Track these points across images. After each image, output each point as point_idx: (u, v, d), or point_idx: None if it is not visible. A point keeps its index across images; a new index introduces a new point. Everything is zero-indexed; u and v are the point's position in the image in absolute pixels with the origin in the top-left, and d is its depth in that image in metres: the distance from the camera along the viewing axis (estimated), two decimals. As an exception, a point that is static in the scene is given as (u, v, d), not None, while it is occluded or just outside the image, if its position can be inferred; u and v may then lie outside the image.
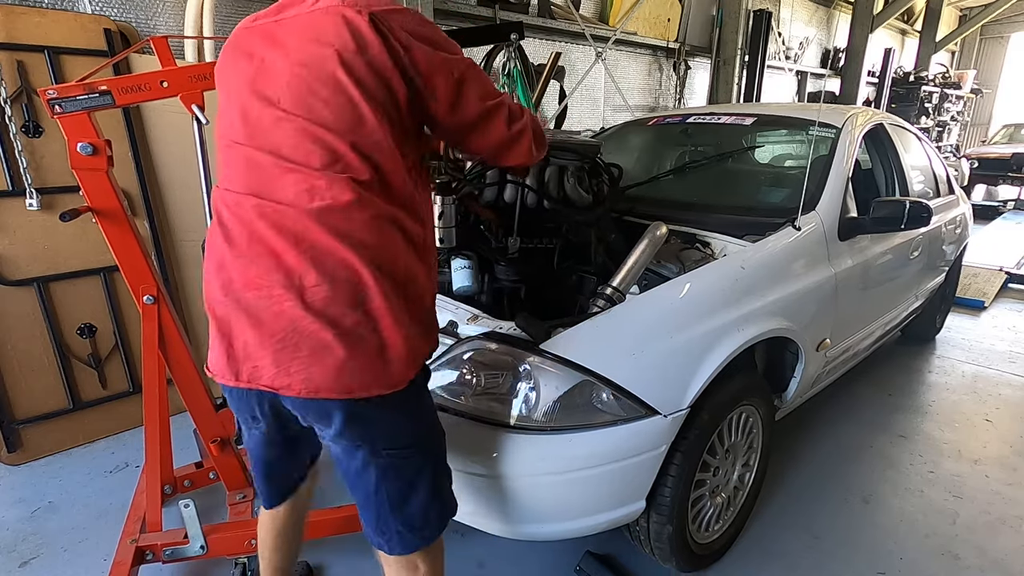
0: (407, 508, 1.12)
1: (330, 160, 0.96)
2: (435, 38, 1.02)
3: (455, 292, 1.64)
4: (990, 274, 4.83)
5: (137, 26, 2.74)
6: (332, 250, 0.96)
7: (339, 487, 2.03)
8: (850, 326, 2.22)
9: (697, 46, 6.56)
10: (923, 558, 1.86)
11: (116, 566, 1.64)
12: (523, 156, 1.21)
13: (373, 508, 1.12)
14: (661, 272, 1.82)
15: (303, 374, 0.97)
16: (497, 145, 1.17)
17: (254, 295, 0.98)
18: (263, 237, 0.98)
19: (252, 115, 1.00)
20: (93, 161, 1.52)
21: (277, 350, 0.98)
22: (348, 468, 1.11)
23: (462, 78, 1.05)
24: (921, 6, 11.43)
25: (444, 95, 1.03)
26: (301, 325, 0.96)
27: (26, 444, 2.40)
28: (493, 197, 1.80)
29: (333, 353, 0.97)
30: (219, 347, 1.04)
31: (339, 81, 0.94)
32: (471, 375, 1.40)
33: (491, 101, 1.11)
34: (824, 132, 2.32)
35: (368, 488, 1.10)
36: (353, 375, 0.98)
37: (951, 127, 12.43)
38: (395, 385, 1.03)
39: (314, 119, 0.95)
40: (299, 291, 0.96)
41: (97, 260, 2.49)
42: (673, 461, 1.50)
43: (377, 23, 0.95)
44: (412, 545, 1.14)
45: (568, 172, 1.80)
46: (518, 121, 1.17)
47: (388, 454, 1.08)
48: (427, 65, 0.99)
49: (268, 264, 0.97)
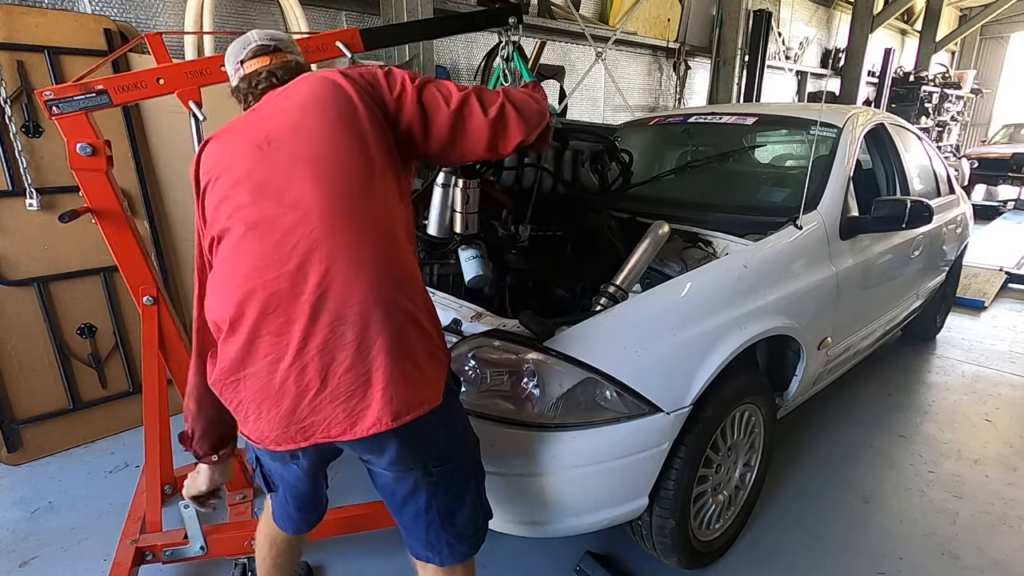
0: (457, 520, 1.12)
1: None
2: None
3: (468, 283, 1.63)
4: (990, 274, 4.83)
5: (137, 26, 2.74)
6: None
7: (339, 487, 2.02)
8: (851, 325, 2.22)
9: (697, 46, 6.56)
10: (923, 558, 1.86)
11: (116, 566, 1.64)
12: (517, 133, 1.16)
13: (423, 526, 1.11)
14: (663, 271, 1.82)
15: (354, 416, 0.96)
16: (488, 136, 1.13)
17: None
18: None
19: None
20: (92, 161, 1.52)
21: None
22: (396, 492, 1.10)
23: (422, 88, 1.10)
24: (921, 6, 11.44)
25: (412, 112, 1.08)
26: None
27: (26, 444, 2.40)
28: (510, 182, 1.74)
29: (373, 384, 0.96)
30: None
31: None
32: (476, 373, 1.40)
33: (456, 98, 1.11)
34: (825, 132, 2.32)
35: (418, 508, 1.09)
36: (398, 398, 0.97)
37: (951, 127, 12.43)
38: (437, 399, 1.02)
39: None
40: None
41: (97, 260, 2.49)
42: (676, 457, 1.50)
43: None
44: (462, 555, 1.15)
45: (583, 156, 1.77)
46: (493, 104, 1.14)
47: (437, 471, 1.07)
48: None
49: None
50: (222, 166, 1.04)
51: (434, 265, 1.83)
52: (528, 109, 1.18)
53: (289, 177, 0.97)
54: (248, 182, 1.00)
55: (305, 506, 1.30)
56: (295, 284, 0.93)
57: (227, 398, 1.01)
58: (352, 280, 0.94)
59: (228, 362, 0.98)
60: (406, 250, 1.04)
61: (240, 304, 0.95)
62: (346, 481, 2.07)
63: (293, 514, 1.31)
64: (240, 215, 0.99)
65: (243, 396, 0.98)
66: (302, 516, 1.32)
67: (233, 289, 0.97)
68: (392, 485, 1.09)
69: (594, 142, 1.79)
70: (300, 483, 1.23)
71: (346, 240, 0.95)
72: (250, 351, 0.96)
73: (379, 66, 1.14)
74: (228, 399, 1.01)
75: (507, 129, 1.15)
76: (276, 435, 0.98)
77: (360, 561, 1.80)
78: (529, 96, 1.21)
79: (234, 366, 0.97)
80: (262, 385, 0.96)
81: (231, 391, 0.99)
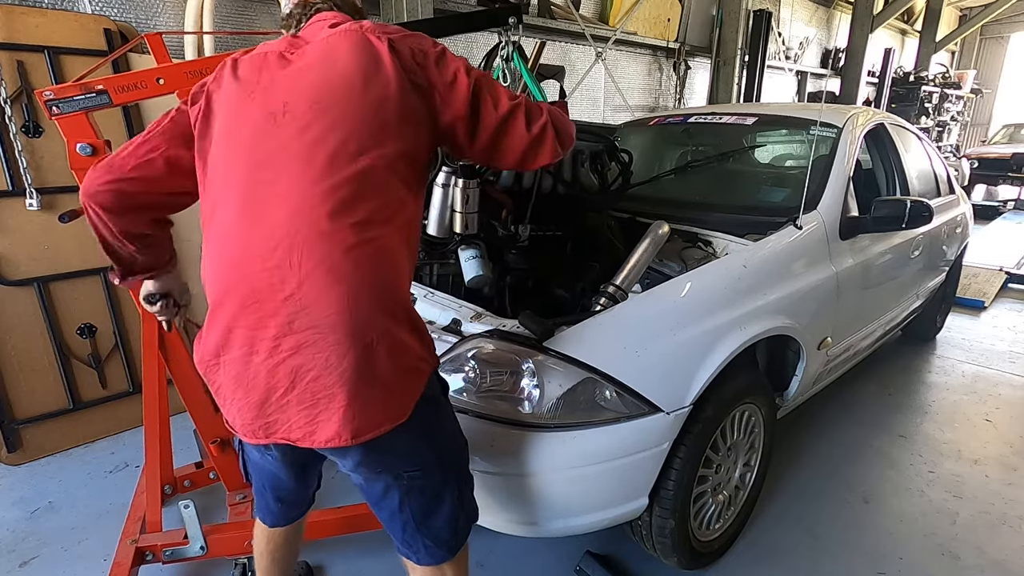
0: (433, 523, 1.11)
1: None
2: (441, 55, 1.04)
3: (467, 283, 1.63)
4: (990, 274, 4.83)
5: (137, 26, 2.74)
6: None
7: (339, 487, 2.02)
8: (851, 325, 2.22)
9: (697, 46, 6.56)
10: (923, 558, 1.86)
11: (116, 566, 1.64)
12: (548, 155, 1.14)
13: (399, 525, 1.10)
14: (663, 271, 1.82)
15: (311, 426, 0.95)
16: (523, 151, 1.11)
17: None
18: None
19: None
20: (92, 161, 1.51)
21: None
22: (370, 492, 1.10)
23: (477, 87, 1.05)
24: (921, 6, 11.44)
25: (461, 110, 1.04)
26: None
27: (26, 444, 2.40)
28: (510, 182, 1.72)
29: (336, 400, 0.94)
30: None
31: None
32: (475, 373, 1.40)
33: (505, 105, 1.08)
34: (825, 132, 2.32)
35: (392, 508, 1.08)
36: (360, 418, 0.95)
37: (951, 127, 12.43)
38: (404, 414, 0.99)
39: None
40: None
41: (97, 260, 2.48)
42: (676, 457, 1.50)
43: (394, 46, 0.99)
44: (440, 557, 1.14)
45: (583, 156, 1.77)
46: (537, 120, 1.11)
47: (409, 476, 1.06)
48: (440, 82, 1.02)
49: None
50: (232, 117, 1.01)
51: (434, 265, 1.83)
52: (566, 133, 1.16)
53: (290, 162, 0.94)
54: (250, 155, 0.97)
55: (285, 499, 1.30)
56: (274, 283, 0.91)
57: (209, 379, 1.01)
58: (328, 291, 0.91)
59: (211, 345, 0.98)
60: (398, 261, 0.99)
61: (224, 291, 0.96)
62: (346, 481, 2.06)
63: (272, 505, 1.31)
64: (236, 190, 0.97)
65: (221, 380, 0.99)
66: (281, 509, 1.32)
67: (222, 273, 0.97)
68: (364, 485, 1.09)
69: (594, 142, 1.79)
70: (279, 473, 1.23)
71: (330, 248, 0.91)
72: (228, 339, 0.95)
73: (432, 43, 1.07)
74: (210, 381, 1.01)
75: (542, 147, 1.12)
76: (245, 425, 0.98)
77: (360, 561, 1.80)
78: (566, 119, 1.20)
79: (215, 350, 0.97)
80: (237, 373, 0.96)
81: (213, 372, 1.00)
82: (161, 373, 1.76)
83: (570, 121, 1.22)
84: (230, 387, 0.98)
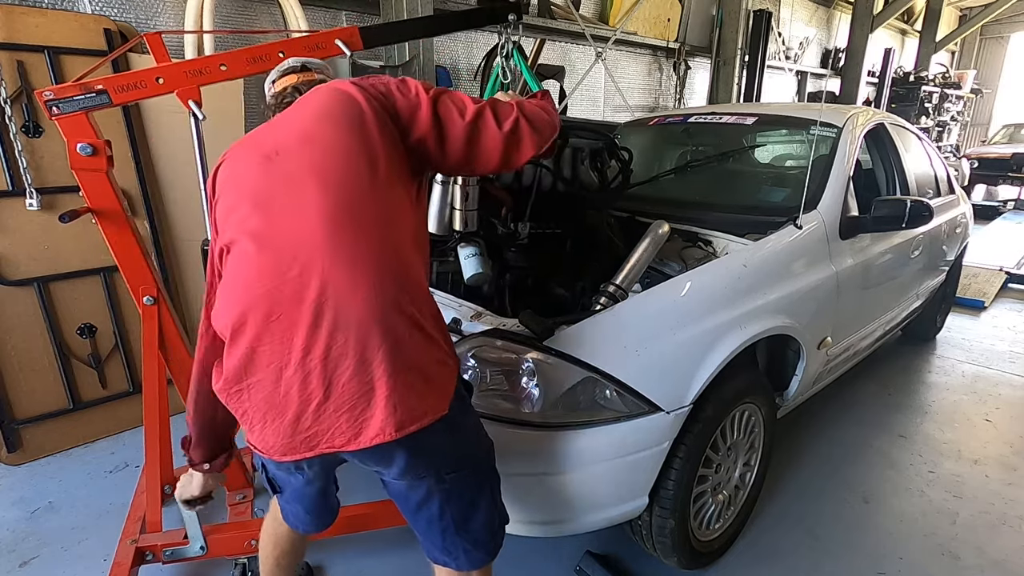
0: (472, 526, 1.11)
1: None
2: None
3: (467, 280, 1.63)
4: (990, 274, 4.83)
5: (137, 26, 2.74)
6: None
7: (340, 487, 2.02)
8: (851, 325, 2.22)
9: (697, 46, 6.56)
10: (923, 558, 1.86)
11: (116, 566, 1.64)
12: (530, 148, 1.15)
13: (438, 532, 1.10)
14: (663, 270, 1.82)
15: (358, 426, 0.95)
16: (502, 150, 1.12)
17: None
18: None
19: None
20: (93, 161, 1.52)
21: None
22: (409, 499, 1.09)
23: (437, 100, 1.08)
24: (921, 6, 11.44)
25: (425, 124, 1.06)
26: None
27: (26, 444, 2.40)
28: (510, 179, 1.73)
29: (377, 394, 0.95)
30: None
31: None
32: (475, 372, 1.40)
33: (471, 111, 1.10)
34: (825, 132, 2.32)
35: (432, 514, 1.09)
36: (402, 408, 0.95)
37: (951, 127, 12.42)
38: (444, 408, 1.00)
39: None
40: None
41: (97, 260, 2.49)
42: (676, 456, 1.50)
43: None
44: (479, 561, 1.14)
45: (583, 154, 1.77)
46: (508, 117, 1.12)
47: (450, 478, 1.06)
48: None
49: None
50: (233, 178, 1.06)
51: (433, 263, 1.83)
52: (541, 122, 1.17)
53: (294, 187, 0.97)
54: (254, 195, 1.00)
55: (314, 510, 1.30)
56: (296, 290, 0.93)
57: (233, 407, 1.01)
58: (351, 290, 0.93)
59: (232, 371, 0.98)
60: (412, 259, 1.02)
61: (243, 312, 0.95)
62: (346, 481, 2.05)
63: (302, 515, 1.31)
64: (245, 227, 0.99)
65: (248, 406, 0.98)
66: (312, 519, 1.32)
67: (237, 297, 0.97)
68: (404, 492, 1.09)
69: (594, 139, 1.79)
70: (306, 490, 1.23)
71: (346, 251, 0.94)
72: (253, 359, 0.95)
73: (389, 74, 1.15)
74: (234, 408, 1.01)
75: (521, 143, 1.14)
76: (281, 445, 0.97)
77: (360, 561, 1.80)
78: (541, 108, 1.21)
79: (237, 375, 0.97)
80: (267, 395, 0.96)
81: (236, 400, 0.99)
82: (161, 373, 1.76)
83: (551, 109, 1.24)
84: (259, 410, 0.97)
